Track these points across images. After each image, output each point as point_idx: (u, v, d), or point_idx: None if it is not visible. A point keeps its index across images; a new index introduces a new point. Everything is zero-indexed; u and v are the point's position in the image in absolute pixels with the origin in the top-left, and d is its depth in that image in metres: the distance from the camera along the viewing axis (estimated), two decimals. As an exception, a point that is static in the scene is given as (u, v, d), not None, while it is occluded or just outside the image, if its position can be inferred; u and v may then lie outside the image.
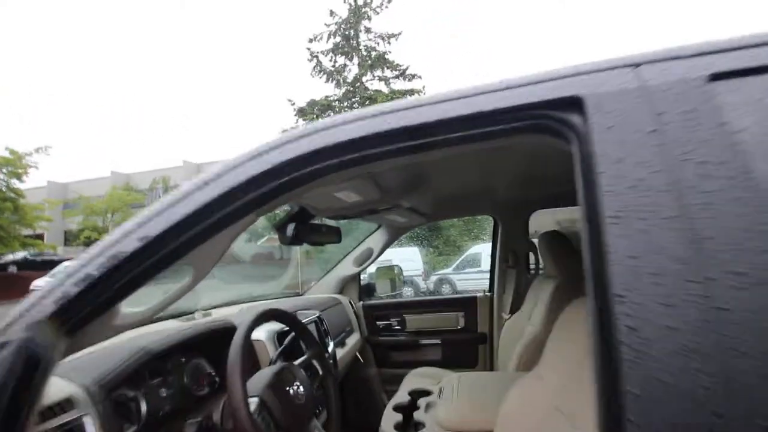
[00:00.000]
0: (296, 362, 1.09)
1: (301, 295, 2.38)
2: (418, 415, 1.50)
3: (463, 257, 10.43)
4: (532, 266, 2.32)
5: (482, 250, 9.64)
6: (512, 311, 2.15)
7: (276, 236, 1.36)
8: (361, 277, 2.52)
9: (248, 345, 1.01)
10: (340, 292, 2.43)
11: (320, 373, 1.16)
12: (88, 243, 14.43)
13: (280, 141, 0.67)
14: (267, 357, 1.24)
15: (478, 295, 2.34)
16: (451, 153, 0.65)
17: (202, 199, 0.64)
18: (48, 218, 15.01)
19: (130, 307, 0.78)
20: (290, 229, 1.27)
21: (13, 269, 13.41)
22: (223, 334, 1.20)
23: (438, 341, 2.33)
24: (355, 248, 2.39)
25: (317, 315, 1.68)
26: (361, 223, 2.37)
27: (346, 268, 2.39)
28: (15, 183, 13.31)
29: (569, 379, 0.91)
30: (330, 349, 1.62)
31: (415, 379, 2.04)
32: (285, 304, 1.82)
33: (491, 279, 2.36)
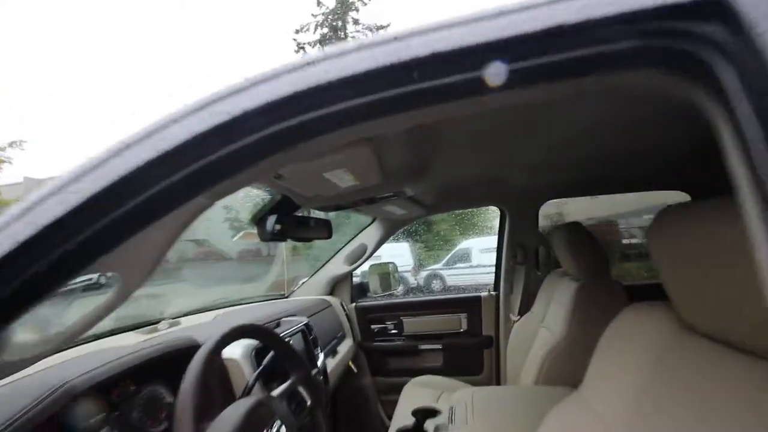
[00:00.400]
0: (276, 392, 0.86)
1: (287, 297, 2.15)
2: None
3: (452, 253, 10.29)
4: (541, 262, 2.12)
5: (472, 245, 9.52)
6: (521, 312, 1.95)
7: (254, 230, 1.15)
8: (354, 275, 2.29)
9: (215, 372, 0.77)
10: (331, 293, 2.20)
11: (308, 403, 0.94)
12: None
13: (245, 82, 0.43)
14: (243, 380, 1.01)
15: (483, 294, 2.13)
16: (495, 103, 0.41)
17: (118, 170, 0.41)
18: (23, 215, 14.40)
19: (30, 333, 0.54)
20: (271, 222, 1.05)
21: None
22: (185, 353, 0.96)
23: (439, 346, 2.12)
24: (347, 244, 2.16)
25: (305, 323, 1.45)
26: (353, 216, 2.15)
27: (337, 266, 2.16)
28: (-13, 179, 12.73)
29: (636, 417, 0.68)
30: (320, 362, 1.40)
31: (415, 389, 1.83)
32: (268, 309, 1.58)
33: (497, 276, 2.15)
